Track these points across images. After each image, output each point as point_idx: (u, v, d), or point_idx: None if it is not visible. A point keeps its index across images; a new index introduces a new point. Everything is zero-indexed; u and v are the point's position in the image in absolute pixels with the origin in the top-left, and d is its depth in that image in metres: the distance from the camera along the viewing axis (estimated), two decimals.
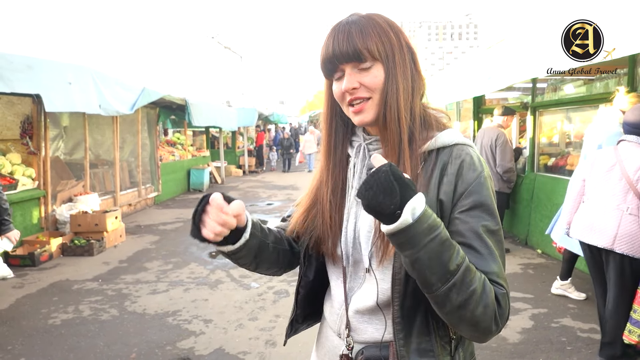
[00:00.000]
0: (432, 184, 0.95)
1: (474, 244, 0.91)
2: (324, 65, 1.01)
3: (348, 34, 0.96)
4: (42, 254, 5.65)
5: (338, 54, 0.97)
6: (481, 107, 7.62)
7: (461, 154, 0.97)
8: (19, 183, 5.96)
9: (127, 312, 4.17)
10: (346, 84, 0.97)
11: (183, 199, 11.12)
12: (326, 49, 0.99)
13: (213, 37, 28.95)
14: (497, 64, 4.54)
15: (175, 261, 5.78)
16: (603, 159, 3.07)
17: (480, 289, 0.85)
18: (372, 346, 1.00)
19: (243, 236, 1.00)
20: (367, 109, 0.98)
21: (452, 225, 0.93)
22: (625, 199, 2.89)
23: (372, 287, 1.01)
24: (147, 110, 10.09)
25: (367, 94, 0.98)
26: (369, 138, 1.06)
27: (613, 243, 2.88)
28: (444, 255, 0.83)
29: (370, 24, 0.98)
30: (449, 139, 0.99)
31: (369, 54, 0.96)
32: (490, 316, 0.86)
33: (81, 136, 7.95)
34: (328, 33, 1.01)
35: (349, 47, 0.95)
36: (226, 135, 17.27)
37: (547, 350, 3.32)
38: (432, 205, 0.93)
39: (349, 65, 0.98)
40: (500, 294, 0.89)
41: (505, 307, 0.89)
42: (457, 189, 0.94)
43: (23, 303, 4.39)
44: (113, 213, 6.71)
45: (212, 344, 3.53)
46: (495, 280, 0.89)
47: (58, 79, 5.50)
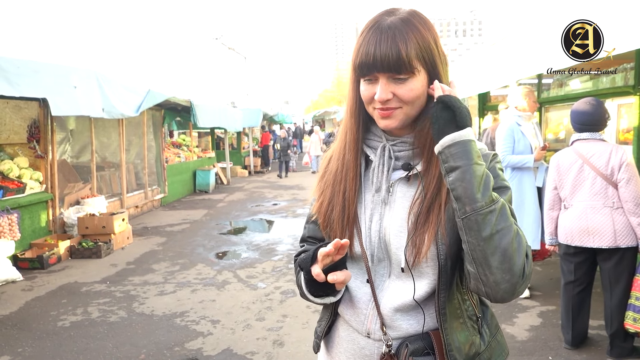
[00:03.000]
0: None
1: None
2: (361, 68, 0.99)
3: (392, 42, 0.94)
4: (51, 256, 5.70)
5: (379, 64, 0.95)
6: (486, 103, 7.58)
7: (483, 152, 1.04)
8: (27, 187, 6.00)
9: (136, 313, 4.19)
10: (380, 95, 0.97)
11: (189, 200, 11.16)
12: (366, 53, 0.96)
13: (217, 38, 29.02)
14: (501, 60, 4.51)
15: (182, 262, 5.80)
16: (566, 163, 3.09)
17: (515, 227, 0.92)
18: (414, 338, 1.00)
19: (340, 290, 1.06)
20: (395, 116, 0.99)
21: None
22: (607, 195, 2.93)
23: (404, 285, 1.02)
24: (152, 112, 10.13)
25: (398, 105, 0.99)
26: (392, 139, 1.06)
27: (615, 241, 2.91)
28: (489, 181, 0.92)
29: (413, 31, 0.96)
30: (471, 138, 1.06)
31: (411, 66, 0.95)
32: (522, 256, 0.90)
33: (88, 139, 8.00)
34: (367, 32, 0.98)
35: (392, 58, 0.94)
36: (231, 136, 17.31)
37: (555, 347, 3.30)
38: None
39: (385, 75, 0.97)
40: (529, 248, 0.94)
41: (530, 262, 0.94)
42: None
43: (32, 306, 4.43)
44: (120, 215, 6.75)
45: (220, 345, 3.54)
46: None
47: (64, 83, 5.54)
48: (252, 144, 17.78)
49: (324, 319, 1.17)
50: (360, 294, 1.07)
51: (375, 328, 1.03)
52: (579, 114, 3.08)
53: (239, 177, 15.90)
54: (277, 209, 9.54)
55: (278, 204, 10.15)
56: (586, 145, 3.01)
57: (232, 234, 7.47)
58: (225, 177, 14.21)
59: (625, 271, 2.95)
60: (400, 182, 1.05)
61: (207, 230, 7.67)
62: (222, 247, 6.57)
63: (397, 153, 1.05)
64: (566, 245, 3.15)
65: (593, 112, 3.01)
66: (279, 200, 10.67)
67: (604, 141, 3.01)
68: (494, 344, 1.07)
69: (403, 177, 1.05)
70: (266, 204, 10.28)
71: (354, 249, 1.06)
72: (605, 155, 2.92)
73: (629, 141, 4.74)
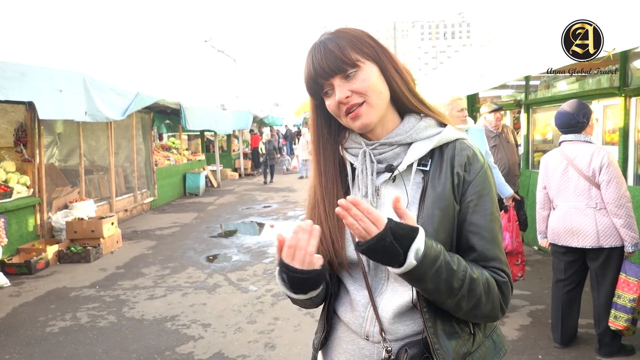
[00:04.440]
0: (444, 178, 1.02)
1: (482, 232, 1.01)
2: (309, 86, 1.05)
3: (325, 49, 1.01)
4: (39, 261, 5.63)
5: (320, 71, 1.01)
6: (475, 105, 7.64)
7: (464, 147, 1.05)
8: (14, 191, 5.93)
9: (125, 318, 4.15)
10: (339, 95, 1.01)
11: (179, 204, 11.09)
12: (308, 70, 1.03)
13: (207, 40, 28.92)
14: (489, 62, 4.56)
15: (173, 266, 5.76)
16: (553, 163, 3.16)
17: (485, 292, 0.98)
18: (413, 343, 1.01)
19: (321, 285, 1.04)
20: (363, 113, 1.01)
21: (463, 214, 1.03)
22: (591, 195, 2.98)
23: (402, 288, 1.03)
24: (141, 115, 10.06)
25: (360, 99, 1.01)
26: (371, 143, 1.07)
27: (598, 241, 2.96)
28: (449, 279, 0.93)
29: (342, 36, 1.02)
30: (451, 135, 1.06)
31: (350, 61, 1.00)
32: (497, 308, 1.00)
33: (76, 142, 7.93)
34: (306, 56, 1.05)
35: (330, 61, 1.00)
36: (221, 139, 17.26)
37: (545, 346, 3.33)
38: (447, 196, 1.01)
39: (336, 78, 1.01)
40: (502, 282, 1.01)
41: (507, 293, 1.02)
42: (466, 179, 1.03)
43: (20, 311, 4.37)
44: (109, 219, 6.69)
45: (211, 349, 3.53)
46: (498, 267, 1.01)
47: (50, 86, 5.48)
48: (242, 146, 17.73)
49: (319, 330, 1.17)
50: (359, 297, 1.07)
51: (374, 331, 1.04)
52: (557, 115, 3.15)
53: (230, 179, 15.84)
54: (268, 212, 9.52)
55: (269, 207, 10.13)
56: (571, 146, 3.06)
57: (223, 237, 7.44)
58: (216, 179, 14.16)
59: (611, 271, 2.99)
60: (385, 184, 1.07)
61: (198, 234, 7.63)
62: (213, 250, 6.54)
63: (379, 156, 1.07)
64: (555, 244, 3.20)
65: (568, 114, 3.06)
66: (269, 203, 10.65)
67: (589, 143, 3.05)
68: (488, 344, 1.07)
69: (388, 179, 1.07)
70: (257, 206, 10.26)
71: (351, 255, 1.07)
72: (588, 157, 2.96)
73: (614, 142, 4.81)
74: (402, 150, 1.06)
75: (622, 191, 2.88)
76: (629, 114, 4.37)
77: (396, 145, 1.06)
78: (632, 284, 2.87)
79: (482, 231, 1.01)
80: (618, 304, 2.92)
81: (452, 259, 0.95)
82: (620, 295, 2.91)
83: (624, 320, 2.89)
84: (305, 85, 1.06)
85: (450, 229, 1.01)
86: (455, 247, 1.03)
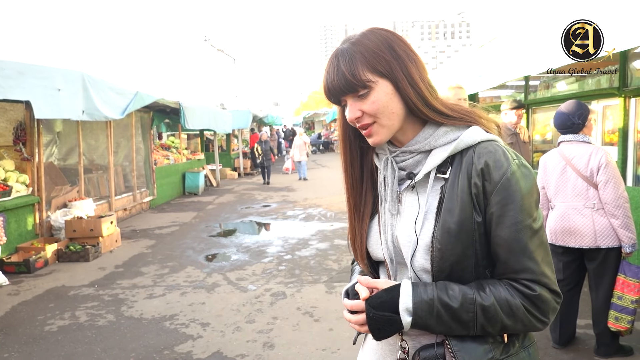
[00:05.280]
0: (461, 188, 0.98)
1: (507, 244, 0.96)
2: (328, 98, 1.06)
3: (337, 69, 1.00)
4: (38, 260, 5.63)
5: (332, 91, 1.02)
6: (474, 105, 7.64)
7: (484, 152, 0.98)
8: (13, 190, 5.93)
9: (124, 317, 4.15)
10: (349, 116, 1.03)
11: (178, 203, 11.09)
12: (324, 84, 1.05)
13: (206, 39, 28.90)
14: (489, 62, 4.56)
15: (172, 265, 5.76)
16: (552, 163, 3.16)
17: (507, 314, 0.95)
18: (427, 346, 1.00)
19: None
20: (375, 132, 1.02)
21: (488, 225, 0.98)
22: (588, 196, 2.98)
23: None
24: (140, 114, 10.06)
25: (370, 120, 1.01)
26: (394, 150, 1.09)
27: (595, 241, 2.96)
28: (455, 316, 0.94)
29: (358, 51, 0.99)
30: (471, 138, 1.00)
31: (361, 82, 0.98)
32: (529, 323, 0.96)
33: (75, 141, 7.92)
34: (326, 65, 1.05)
35: (341, 83, 0.99)
36: (220, 138, 17.25)
37: (543, 347, 3.33)
38: (464, 209, 0.97)
39: (348, 97, 1.02)
40: (533, 296, 0.95)
41: (543, 305, 0.96)
42: (486, 189, 0.97)
43: (19, 310, 4.37)
44: (108, 218, 6.68)
45: (209, 348, 3.52)
46: (529, 278, 0.95)
47: (48, 85, 5.47)
48: (241, 146, 17.73)
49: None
50: None
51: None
52: (555, 116, 3.16)
53: (229, 179, 15.84)
54: (267, 211, 9.52)
55: (268, 206, 10.13)
56: (569, 147, 3.07)
57: (222, 237, 7.44)
58: (215, 179, 14.16)
59: (609, 271, 2.99)
60: (407, 191, 1.07)
61: (197, 233, 7.63)
62: (212, 249, 6.54)
63: (401, 163, 1.07)
64: (553, 244, 3.20)
65: (564, 115, 3.06)
66: (268, 202, 10.64)
67: (587, 143, 3.05)
68: (522, 355, 1.01)
69: (408, 186, 1.07)
70: (256, 206, 10.25)
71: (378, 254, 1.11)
72: (586, 157, 2.97)
73: (614, 142, 4.81)
74: (422, 158, 1.05)
75: (620, 191, 2.88)
76: (628, 115, 4.37)
77: (416, 153, 1.05)
78: (633, 285, 2.87)
79: (506, 243, 0.96)
80: (618, 305, 2.91)
81: (452, 296, 0.94)
82: (621, 296, 2.90)
83: (627, 321, 2.88)
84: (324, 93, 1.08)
85: (471, 242, 0.97)
86: (485, 258, 0.99)
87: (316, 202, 10.22)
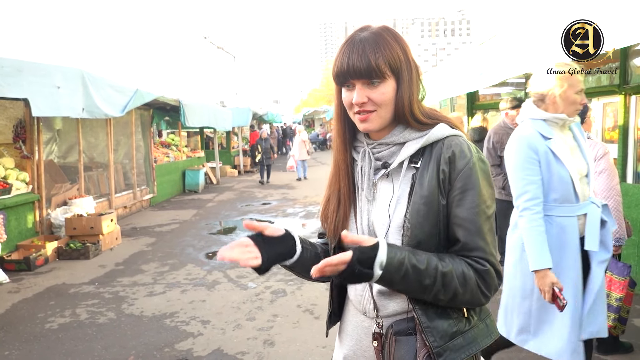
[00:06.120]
0: (430, 175, 1.10)
1: (465, 224, 1.09)
2: (337, 77, 1.13)
3: (362, 52, 1.08)
4: (38, 258, 5.63)
5: (352, 71, 1.09)
6: (475, 102, 7.64)
7: (452, 144, 1.11)
8: (13, 187, 5.93)
9: (125, 314, 4.16)
10: (357, 98, 1.10)
11: (178, 200, 11.09)
12: (341, 63, 1.10)
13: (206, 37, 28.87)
14: (489, 60, 4.55)
15: (172, 263, 5.77)
16: None
17: (461, 284, 1.06)
18: (400, 320, 1.14)
19: (297, 251, 1.19)
20: (372, 119, 1.12)
21: (449, 207, 1.10)
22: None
23: None
24: (140, 111, 10.05)
25: (373, 108, 1.11)
26: (371, 142, 1.20)
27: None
28: (418, 278, 1.05)
29: (382, 43, 1.09)
30: (440, 132, 1.13)
31: (380, 72, 1.08)
32: (477, 296, 1.08)
33: (75, 139, 7.92)
34: (342, 47, 1.12)
35: (363, 66, 1.07)
36: (220, 136, 17.24)
37: None
38: (432, 192, 1.09)
39: (360, 81, 1.10)
40: (483, 271, 1.08)
41: (490, 280, 1.09)
42: (452, 175, 1.10)
43: (19, 308, 4.37)
44: (108, 216, 6.68)
45: (210, 345, 3.53)
46: (481, 256, 1.09)
47: (47, 83, 5.45)
48: (241, 143, 17.72)
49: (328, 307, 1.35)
50: None
51: (370, 308, 1.19)
52: None
53: (229, 176, 15.84)
54: (267, 209, 9.52)
55: (268, 204, 10.13)
56: None
57: (222, 234, 7.44)
58: (215, 176, 14.15)
59: None
60: (381, 179, 1.19)
61: (197, 231, 7.63)
62: (212, 247, 6.54)
63: (377, 154, 1.19)
64: None
65: None
66: (269, 200, 10.65)
67: (587, 139, 3.05)
68: (481, 326, 1.15)
69: (382, 175, 1.19)
70: (256, 203, 10.26)
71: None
72: (591, 154, 2.96)
73: (614, 140, 4.80)
74: (397, 149, 1.17)
75: (613, 184, 2.88)
76: (628, 112, 4.36)
77: (392, 145, 1.17)
78: (619, 283, 2.87)
79: (465, 223, 1.08)
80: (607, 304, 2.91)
81: (420, 259, 1.05)
82: (608, 294, 2.90)
83: (611, 319, 2.88)
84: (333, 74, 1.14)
85: (437, 222, 1.09)
86: (445, 238, 1.11)
87: (316, 200, 10.21)
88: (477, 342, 1.12)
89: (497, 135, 4.67)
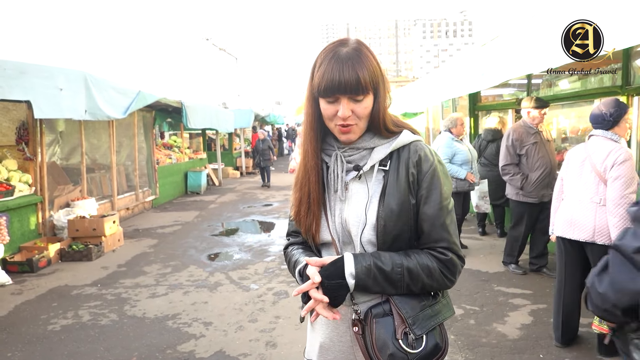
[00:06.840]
0: (400, 177, 1.23)
1: (430, 220, 1.23)
2: (325, 91, 1.18)
3: (352, 69, 1.15)
4: (41, 259, 5.64)
5: (342, 87, 1.16)
6: (477, 104, 7.63)
7: (417, 149, 1.26)
8: (16, 189, 5.94)
9: (127, 316, 4.16)
10: (343, 112, 1.18)
11: (181, 202, 11.10)
12: (331, 79, 1.16)
13: (208, 39, 28.91)
14: (491, 60, 4.54)
15: (174, 264, 5.77)
16: (576, 156, 3.19)
17: (426, 275, 1.21)
18: (376, 305, 1.23)
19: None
20: (354, 131, 1.23)
21: (417, 205, 1.24)
22: (597, 191, 2.98)
23: None
24: (143, 113, 10.07)
25: (355, 121, 1.21)
26: (342, 147, 1.29)
27: (593, 236, 2.97)
28: (387, 278, 1.19)
29: (364, 59, 1.17)
30: (406, 138, 1.27)
31: (366, 89, 1.17)
32: (442, 282, 1.23)
33: (77, 141, 7.93)
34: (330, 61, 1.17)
35: (353, 83, 1.15)
36: (223, 137, 17.24)
37: (546, 345, 3.33)
38: (403, 193, 1.23)
39: (345, 96, 1.18)
40: (446, 260, 1.22)
41: (453, 267, 1.23)
42: (419, 177, 1.24)
43: (22, 309, 4.38)
44: (111, 217, 6.70)
45: (212, 347, 3.53)
46: (445, 246, 1.23)
47: (49, 85, 5.45)
48: (243, 145, 17.74)
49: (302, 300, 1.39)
50: None
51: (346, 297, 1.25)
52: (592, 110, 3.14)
53: (231, 178, 15.85)
54: (269, 210, 9.53)
55: (270, 205, 10.13)
56: (594, 141, 3.08)
57: (224, 236, 7.44)
58: (217, 178, 14.17)
59: None
60: (353, 181, 1.29)
61: (199, 232, 7.64)
62: (214, 248, 6.55)
63: (349, 157, 1.28)
64: (561, 238, 3.20)
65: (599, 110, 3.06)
66: (271, 201, 10.65)
67: (612, 140, 3.01)
68: (444, 302, 1.28)
69: (354, 177, 1.28)
70: (258, 205, 10.26)
71: (325, 237, 1.30)
72: (604, 153, 2.96)
73: None
74: (367, 153, 1.27)
75: (627, 192, 2.83)
76: (631, 113, 4.35)
77: (362, 149, 1.27)
78: None
79: (430, 219, 1.22)
80: None
81: (384, 261, 1.19)
82: None
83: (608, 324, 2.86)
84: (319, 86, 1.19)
85: (407, 219, 1.23)
86: (414, 231, 1.25)
87: None
88: (442, 313, 1.25)
89: (517, 132, 4.67)
